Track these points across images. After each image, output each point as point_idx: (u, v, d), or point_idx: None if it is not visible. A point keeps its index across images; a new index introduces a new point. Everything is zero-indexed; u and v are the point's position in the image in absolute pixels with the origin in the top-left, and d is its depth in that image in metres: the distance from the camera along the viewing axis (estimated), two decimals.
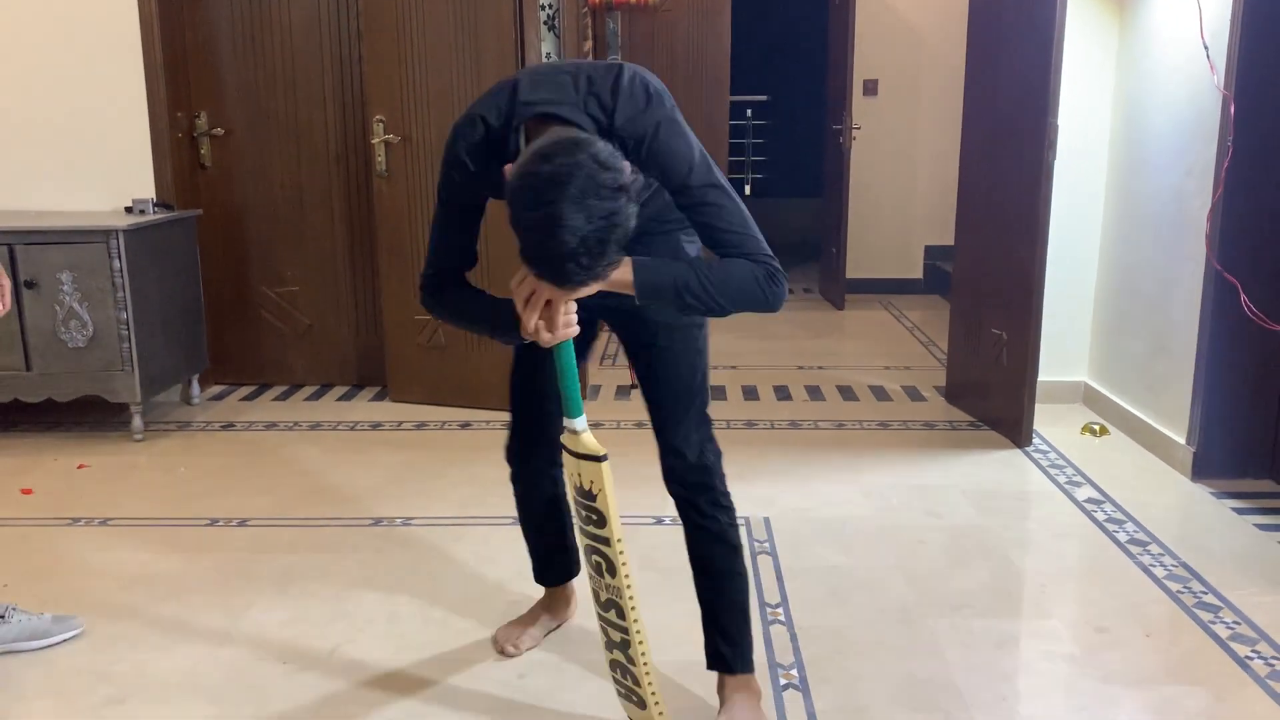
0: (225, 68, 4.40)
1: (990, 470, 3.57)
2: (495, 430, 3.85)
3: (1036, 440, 3.83)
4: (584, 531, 1.92)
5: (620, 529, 1.85)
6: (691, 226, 1.87)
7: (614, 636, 1.97)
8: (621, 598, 1.89)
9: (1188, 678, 2.29)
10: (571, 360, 1.84)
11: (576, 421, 1.86)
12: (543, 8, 4.14)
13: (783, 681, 2.27)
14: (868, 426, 4.08)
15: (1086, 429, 3.95)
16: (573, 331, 1.78)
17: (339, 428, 4.07)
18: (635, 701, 2.02)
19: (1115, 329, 4.07)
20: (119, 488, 3.45)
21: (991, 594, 2.69)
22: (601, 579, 1.92)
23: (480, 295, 1.94)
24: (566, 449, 1.90)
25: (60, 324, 3.74)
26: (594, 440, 1.85)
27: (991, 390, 4.00)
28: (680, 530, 2.11)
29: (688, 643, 2.21)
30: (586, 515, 1.89)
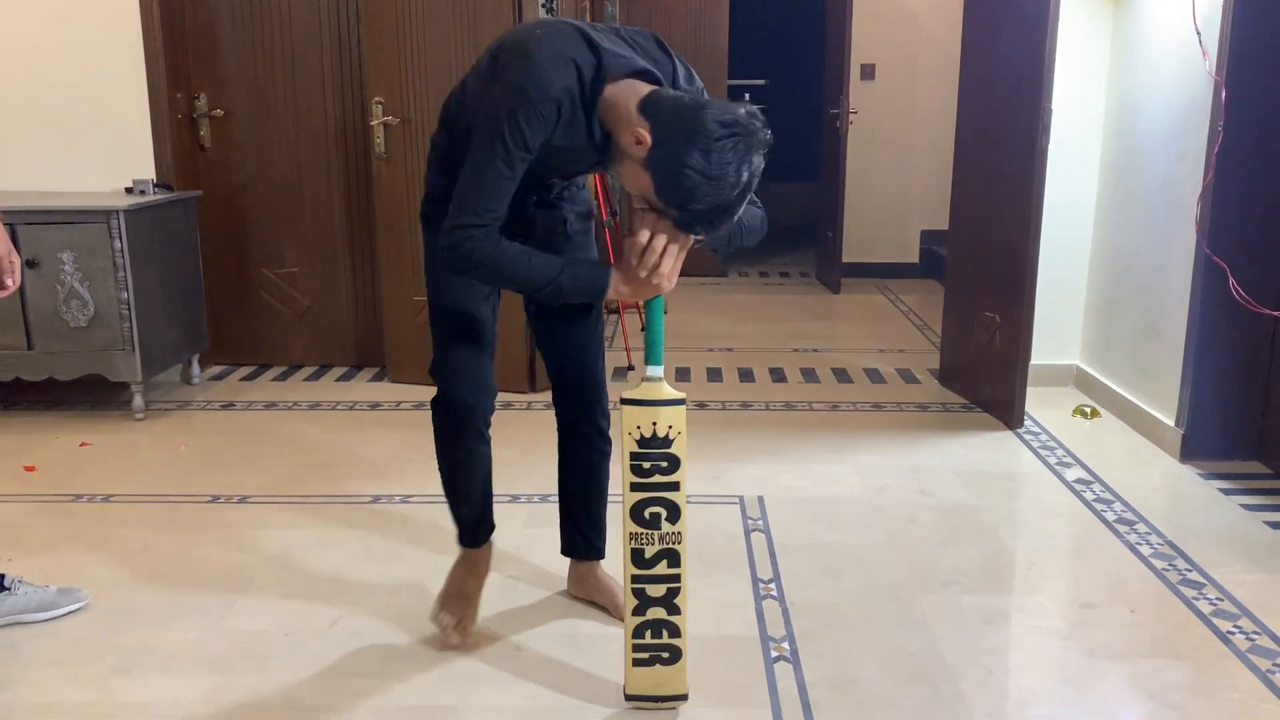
0: (225, 50, 4.41)
1: (982, 451, 3.62)
2: None
3: (1028, 422, 3.87)
4: (642, 485, 1.99)
5: None
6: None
7: (655, 593, 2.03)
8: (680, 543, 2.01)
9: (1170, 652, 2.34)
10: (661, 310, 2.02)
11: (659, 369, 2.00)
12: None
13: (774, 654, 2.32)
14: (861, 408, 4.13)
15: (1078, 411, 3.99)
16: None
17: (338, 407, 4.11)
18: (665, 659, 2.07)
19: (1107, 313, 4.11)
20: (121, 465, 3.49)
21: (981, 571, 2.74)
22: (658, 530, 2.00)
23: (536, 252, 1.93)
24: (636, 400, 1.98)
25: (62, 303, 3.77)
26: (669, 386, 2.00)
27: (984, 373, 4.04)
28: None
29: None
30: (653, 465, 1.98)
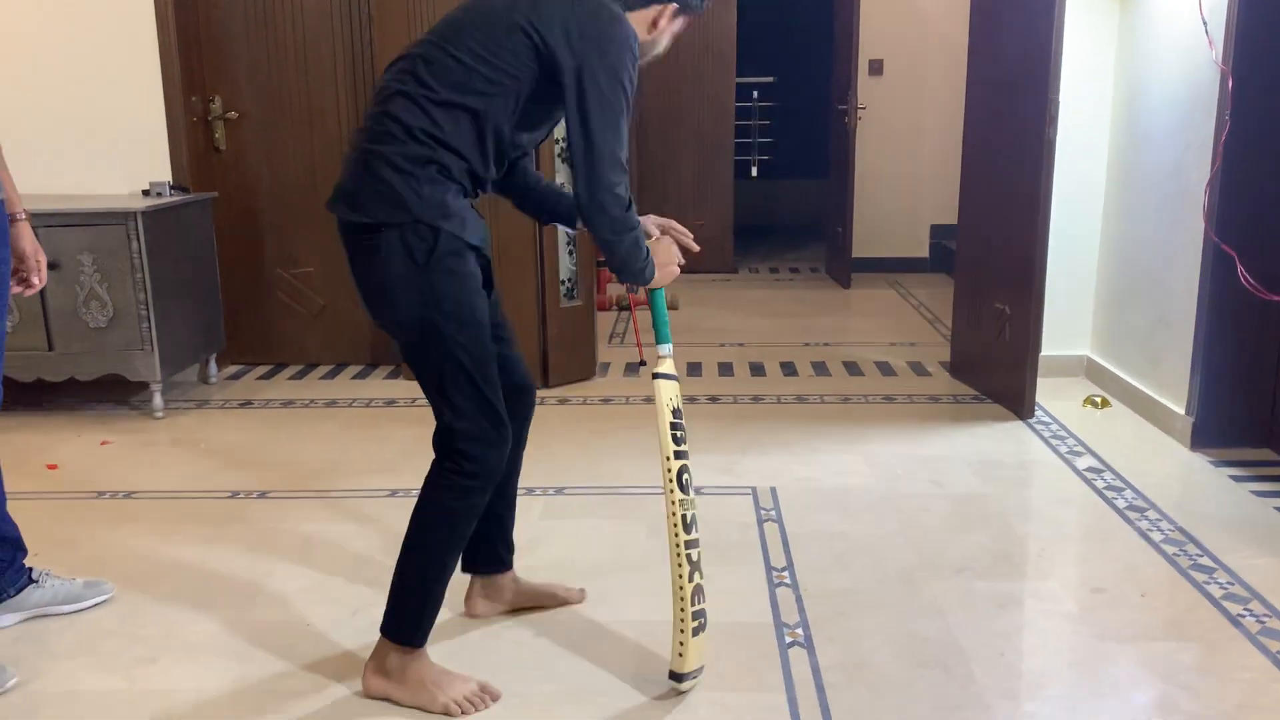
0: (238, 52, 4.47)
1: (993, 441, 3.64)
2: None
3: (1039, 413, 3.89)
4: (680, 454, 2.09)
5: None
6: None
7: (694, 556, 2.10)
8: (695, 507, 2.13)
9: (1181, 634, 2.36)
10: (664, 297, 2.19)
11: (670, 347, 2.16)
12: None
13: (788, 639, 2.35)
14: (873, 400, 4.15)
15: (1088, 401, 4.01)
16: None
17: (354, 405, 4.15)
18: (703, 626, 2.13)
19: (1117, 303, 4.13)
20: (141, 462, 3.54)
21: (992, 557, 2.76)
22: (688, 495, 2.09)
23: None
24: (667, 375, 2.12)
25: (81, 304, 3.83)
26: None
27: (995, 364, 4.06)
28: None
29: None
30: (680, 435, 2.10)
